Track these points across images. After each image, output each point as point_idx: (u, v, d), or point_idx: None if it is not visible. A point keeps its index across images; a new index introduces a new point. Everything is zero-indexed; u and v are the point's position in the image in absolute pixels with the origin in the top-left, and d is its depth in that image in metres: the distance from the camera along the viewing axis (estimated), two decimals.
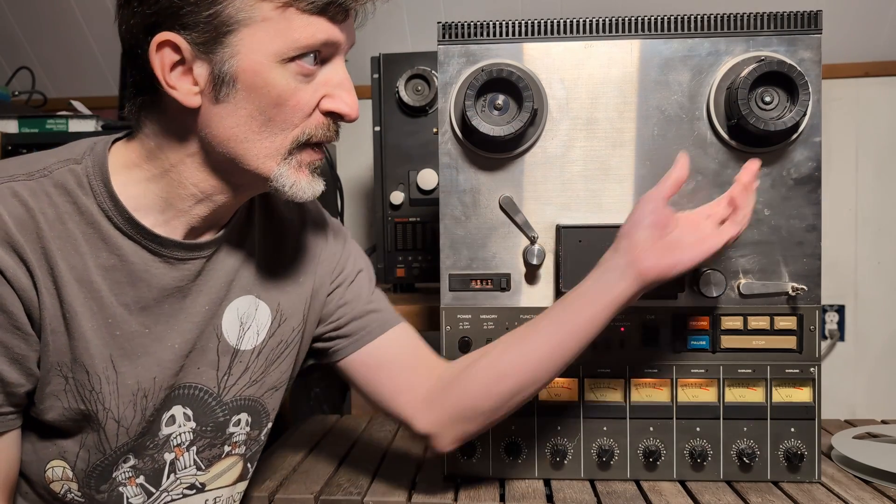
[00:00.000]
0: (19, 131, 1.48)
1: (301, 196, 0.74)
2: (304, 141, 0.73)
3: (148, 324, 0.76)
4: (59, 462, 0.76)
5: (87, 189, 0.73)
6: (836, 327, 1.88)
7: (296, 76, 0.70)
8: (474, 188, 0.99)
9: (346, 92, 0.73)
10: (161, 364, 0.77)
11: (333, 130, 0.75)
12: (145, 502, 0.80)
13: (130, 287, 0.75)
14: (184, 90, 0.69)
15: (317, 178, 0.76)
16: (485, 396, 0.87)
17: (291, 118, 0.71)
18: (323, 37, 0.70)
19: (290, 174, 0.73)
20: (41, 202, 0.70)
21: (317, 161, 0.76)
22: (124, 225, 0.73)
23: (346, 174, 1.85)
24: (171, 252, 0.76)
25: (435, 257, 0.98)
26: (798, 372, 0.97)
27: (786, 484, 0.97)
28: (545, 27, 0.97)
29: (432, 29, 0.99)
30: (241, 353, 0.83)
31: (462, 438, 0.90)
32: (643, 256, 0.82)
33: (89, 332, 0.72)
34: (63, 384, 0.72)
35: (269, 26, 0.68)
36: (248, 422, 0.86)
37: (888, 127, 1.85)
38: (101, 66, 2.02)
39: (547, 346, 0.85)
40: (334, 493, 0.97)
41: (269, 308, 0.86)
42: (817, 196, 0.96)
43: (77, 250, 0.72)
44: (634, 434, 0.99)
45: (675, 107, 0.96)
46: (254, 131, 0.71)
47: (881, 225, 1.86)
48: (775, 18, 0.95)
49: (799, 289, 0.95)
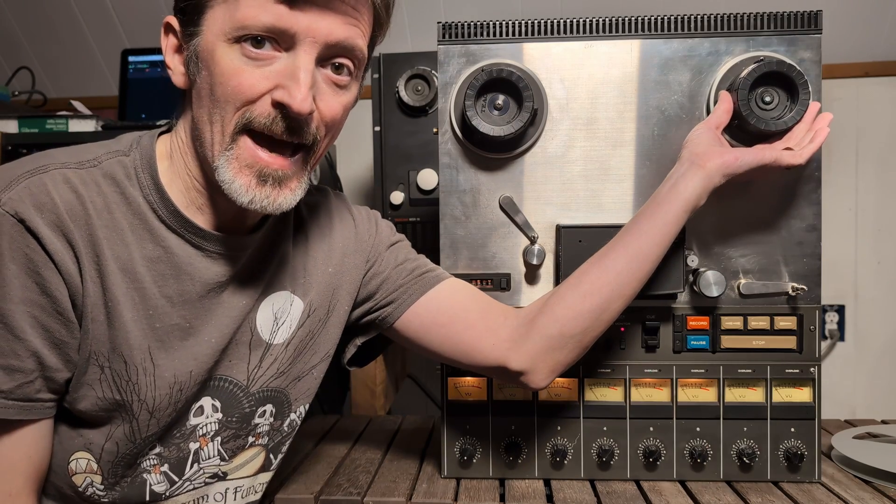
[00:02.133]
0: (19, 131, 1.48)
1: (239, 199, 0.71)
2: (244, 126, 0.70)
3: (188, 317, 0.77)
4: (83, 454, 0.76)
5: (134, 181, 0.74)
6: (836, 327, 1.88)
7: (241, 57, 0.69)
8: (474, 188, 0.99)
9: (295, 83, 0.69)
10: (198, 358, 0.77)
11: (281, 125, 0.70)
12: (168, 490, 0.80)
13: (174, 280, 0.75)
14: (176, 71, 0.75)
15: (268, 188, 0.71)
16: (573, 318, 0.86)
17: (233, 99, 0.70)
18: (268, 20, 0.68)
19: (230, 168, 0.71)
20: (91, 191, 0.71)
21: (265, 166, 0.71)
22: (169, 218, 0.75)
23: (346, 174, 1.85)
24: (212, 246, 0.77)
25: (435, 257, 0.98)
26: (798, 372, 0.97)
27: (786, 484, 0.97)
28: (545, 27, 0.97)
29: (432, 29, 0.99)
30: (273, 346, 0.84)
31: (557, 369, 0.89)
32: (705, 153, 0.87)
33: (130, 323, 0.73)
34: (98, 373, 0.73)
35: (225, 6, 0.70)
36: (273, 412, 0.86)
37: (888, 127, 1.85)
38: (101, 66, 2.03)
39: (626, 255, 0.86)
40: (334, 493, 0.97)
41: (303, 303, 0.86)
42: (817, 196, 0.96)
43: (123, 240, 0.73)
44: (634, 434, 0.99)
45: (675, 107, 0.96)
46: (209, 112, 0.71)
47: (881, 225, 1.86)
48: (775, 18, 0.95)
49: (799, 289, 0.95)
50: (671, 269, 0.94)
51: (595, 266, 0.87)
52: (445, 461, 1.01)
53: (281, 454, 0.90)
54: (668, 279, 0.94)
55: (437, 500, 0.94)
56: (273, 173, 0.72)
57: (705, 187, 0.86)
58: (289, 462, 1.10)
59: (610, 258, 0.86)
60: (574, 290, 0.87)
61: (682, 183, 0.86)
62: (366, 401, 1.47)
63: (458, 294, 0.91)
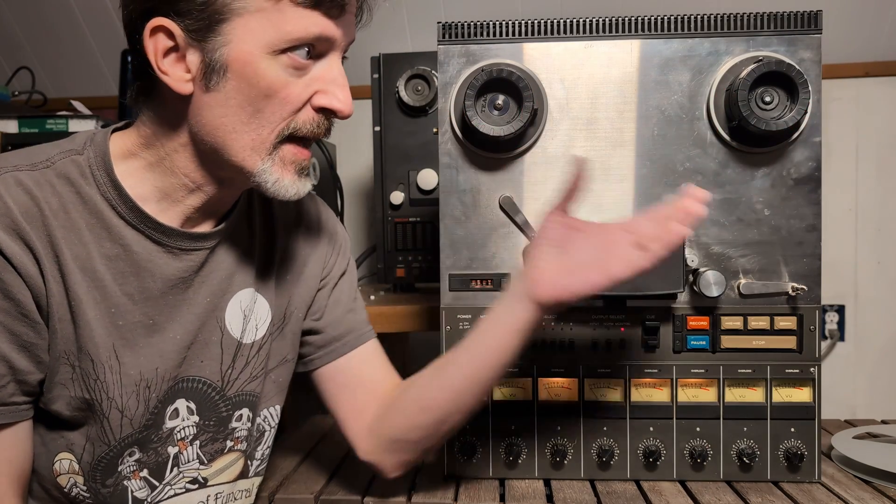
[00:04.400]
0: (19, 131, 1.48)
1: (284, 194, 0.74)
2: (289, 134, 0.72)
3: (151, 314, 0.76)
4: (66, 455, 0.76)
5: (89, 179, 0.73)
6: (836, 327, 1.88)
7: (286, 69, 0.70)
8: (474, 188, 0.99)
9: (339, 88, 0.72)
10: (163, 355, 0.77)
11: (324, 127, 0.74)
12: (149, 496, 0.80)
13: (134, 277, 0.75)
14: (176, 76, 0.70)
15: (303, 179, 0.75)
16: (411, 428, 0.88)
17: (280, 111, 0.71)
18: (316, 31, 0.69)
19: (273, 171, 0.73)
20: (45, 192, 0.71)
21: (303, 160, 0.75)
22: (128, 214, 0.74)
23: (346, 174, 1.85)
24: (174, 242, 0.77)
25: (435, 257, 0.98)
26: (798, 372, 0.97)
27: (786, 484, 0.97)
28: (545, 27, 0.97)
29: (432, 29, 0.99)
30: (243, 346, 0.84)
31: (403, 466, 0.91)
32: (539, 279, 0.78)
33: (93, 321, 0.73)
34: (70, 373, 0.73)
35: (263, 17, 0.68)
36: (250, 417, 0.86)
37: (888, 127, 1.85)
38: (101, 66, 2.02)
39: (462, 376, 0.84)
40: (334, 493, 0.97)
41: (268, 303, 0.86)
42: (817, 196, 0.96)
43: (81, 240, 0.72)
44: (634, 434, 0.99)
45: (675, 107, 0.96)
46: (242, 122, 0.71)
47: (881, 225, 1.86)
48: (775, 18, 0.95)
49: (799, 289, 0.95)
50: (671, 269, 0.94)
51: (436, 380, 0.87)
52: (445, 461, 1.01)
53: (257, 460, 0.90)
54: (668, 279, 0.94)
55: (437, 500, 0.94)
56: (306, 165, 0.75)
57: (539, 317, 0.80)
58: (289, 462, 1.10)
59: (450, 376, 0.85)
60: (416, 402, 0.88)
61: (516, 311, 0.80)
62: None
63: (370, 361, 0.94)
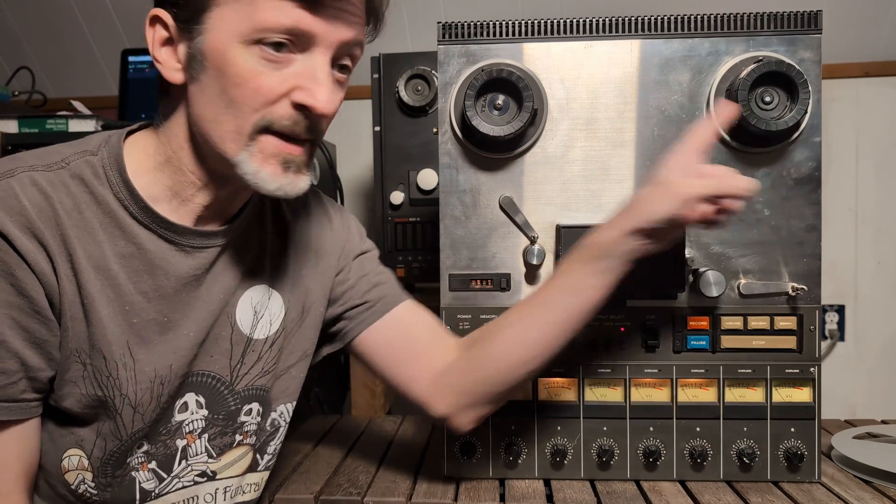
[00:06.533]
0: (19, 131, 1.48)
1: (265, 187, 0.73)
2: (265, 127, 0.71)
3: (165, 312, 0.77)
4: (75, 451, 0.76)
5: (103, 179, 0.74)
6: (836, 327, 1.88)
7: (259, 60, 0.69)
8: (474, 188, 0.99)
9: (317, 85, 0.70)
10: (177, 352, 0.78)
11: (303, 125, 0.72)
12: (157, 487, 0.80)
13: (148, 275, 0.76)
14: (169, 66, 0.72)
15: (289, 175, 0.73)
16: (498, 377, 0.87)
17: (251, 101, 0.70)
18: (288, 22, 0.68)
19: (252, 162, 0.72)
20: (59, 192, 0.72)
21: (288, 154, 0.73)
22: (140, 214, 0.75)
23: (346, 174, 1.85)
24: (186, 240, 0.77)
25: (435, 257, 0.98)
26: (798, 372, 0.97)
27: (786, 484, 0.97)
28: (545, 27, 0.97)
29: (432, 29, 0.99)
30: (254, 342, 0.85)
31: (480, 420, 0.91)
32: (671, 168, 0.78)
33: (106, 319, 0.73)
34: (81, 370, 0.73)
35: (238, 6, 0.68)
36: (259, 412, 0.86)
37: (888, 127, 1.85)
38: (101, 66, 2.02)
39: (554, 326, 0.84)
40: (334, 493, 0.97)
41: (282, 299, 0.87)
42: (817, 196, 0.96)
43: (94, 239, 0.73)
44: (634, 434, 0.99)
45: (675, 107, 0.96)
46: (220, 111, 0.71)
47: (881, 225, 1.86)
48: (775, 18, 0.95)
49: (799, 289, 0.95)
50: (671, 270, 0.94)
51: (533, 317, 0.85)
52: (445, 461, 1.01)
53: (268, 455, 0.90)
54: (668, 279, 0.94)
55: (437, 500, 0.94)
56: (294, 160, 0.74)
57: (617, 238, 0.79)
58: (289, 462, 1.10)
59: (554, 306, 0.83)
60: (508, 343, 0.86)
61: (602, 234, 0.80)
62: (366, 401, 1.47)
63: (414, 318, 0.93)
